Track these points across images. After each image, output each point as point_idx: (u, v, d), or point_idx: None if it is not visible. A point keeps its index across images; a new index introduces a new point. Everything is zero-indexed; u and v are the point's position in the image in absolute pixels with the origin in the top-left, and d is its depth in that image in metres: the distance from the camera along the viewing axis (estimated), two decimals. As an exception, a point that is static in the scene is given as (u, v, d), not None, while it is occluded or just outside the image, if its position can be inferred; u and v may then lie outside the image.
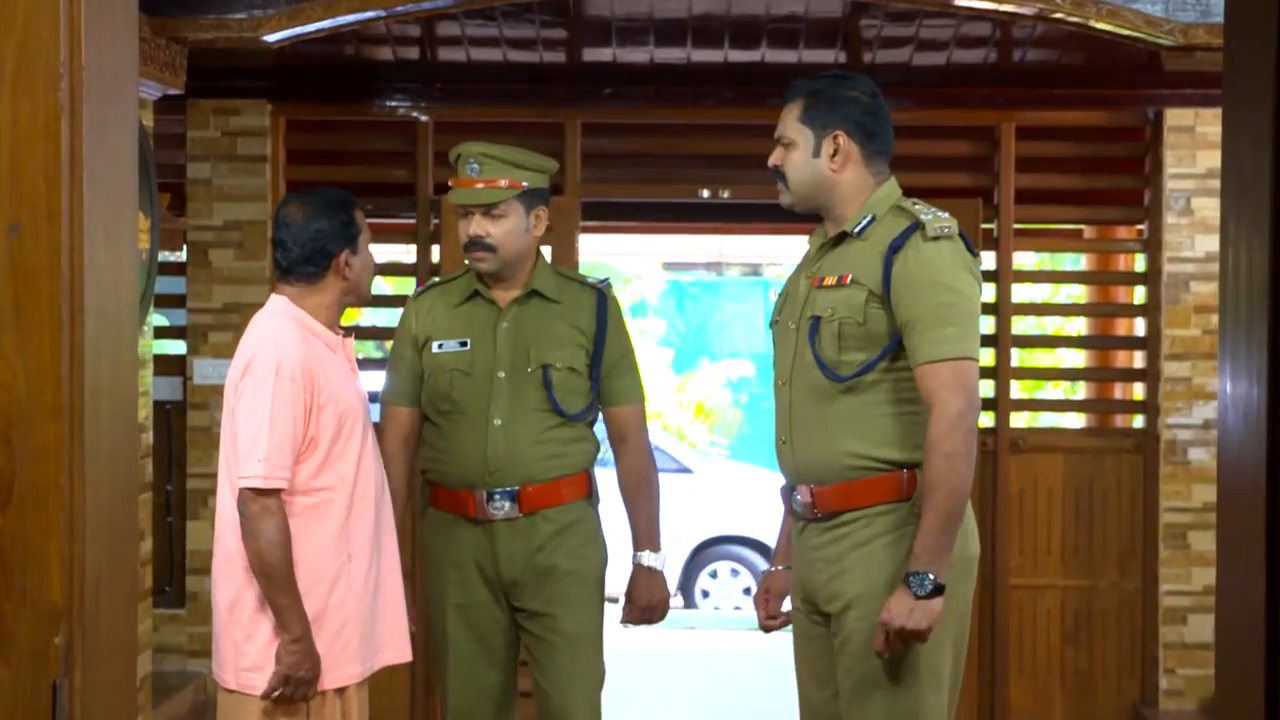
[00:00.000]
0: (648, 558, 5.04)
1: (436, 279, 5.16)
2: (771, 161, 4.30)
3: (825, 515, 4.16)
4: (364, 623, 4.53)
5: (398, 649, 4.70)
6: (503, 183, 4.89)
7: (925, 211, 4.11)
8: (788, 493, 4.31)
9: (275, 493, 4.36)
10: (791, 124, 4.27)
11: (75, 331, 2.41)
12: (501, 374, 4.89)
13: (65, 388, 2.40)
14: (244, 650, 4.44)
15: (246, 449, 4.37)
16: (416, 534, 5.19)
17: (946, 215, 4.10)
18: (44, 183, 2.42)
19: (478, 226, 4.88)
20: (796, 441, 4.22)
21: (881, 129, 4.26)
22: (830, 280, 4.17)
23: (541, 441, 4.88)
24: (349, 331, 4.68)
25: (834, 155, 4.20)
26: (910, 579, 3.93)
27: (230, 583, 4.47)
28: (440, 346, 4.94)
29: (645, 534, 5.06)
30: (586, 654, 4.97)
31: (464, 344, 4.93)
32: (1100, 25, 6.24)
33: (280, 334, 4.49)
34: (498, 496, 4.84)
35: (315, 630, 4.41)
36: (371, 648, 4.58)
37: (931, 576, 3.91)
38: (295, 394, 4.39)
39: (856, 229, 4.17)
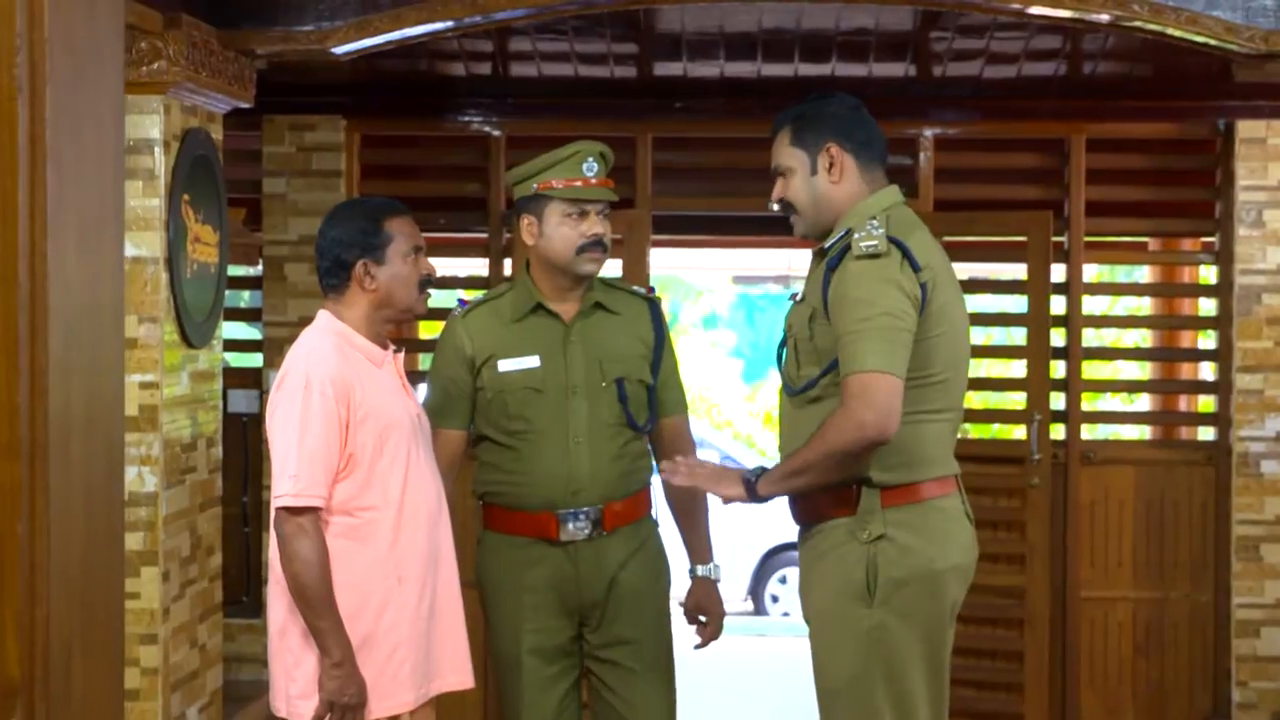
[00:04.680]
0: (708, 570, 4.60)
1: (479, 297, 4.62)
2: (774, 196, 4.06)
3: (800, 524, 3.98)
4: (417, 648, 4.04)
5: (458, 674, 4.20)
6: (612, 184, 4.47)
7: (863, 228, 3.80)
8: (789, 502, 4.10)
9: (310, 511, 3.89)
10: (784, 151, 4.03)
11: (37, 353, 1.82)
12: (576, 390, 4.39)
13: (24, 420, 1.81)
14: (294, 676, 3.99)
15: (278, 467, 3.90)
16: (476, 556, 4.63)
17: (881, 231, 3.78)
18: (-2, 175, 1.84)
19: (600, 225, 4.41)
20: (781, 451, 4.06)
21: (871, 137, 4.01)
22: (796, 298, 4.01)
23: (618, 457, 4.42)
24: (400, 346, 4.17)
25: (830, 168, 3.96)
26: (751, 474, 3.89)
27: (279, 607, 4.02)
28: (507, 365, 4.40)
29: (702, 545, 4.62)
30: (664, 681, 4.55)
31: (534, 361, 4.41)
32: (1178, 33, 5.61)
33: (314, 347, 4.00)
34: (581, 517, 4.36)
35: (364, 656, 3.94)
36: (426, 674, 4.08)
37: (753, 479, 3.87)
38: (327, 408, 3.89)
39: (828, 245, 3.90)
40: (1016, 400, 8.27)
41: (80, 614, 1.95)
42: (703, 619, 4.63)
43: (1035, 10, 5.73)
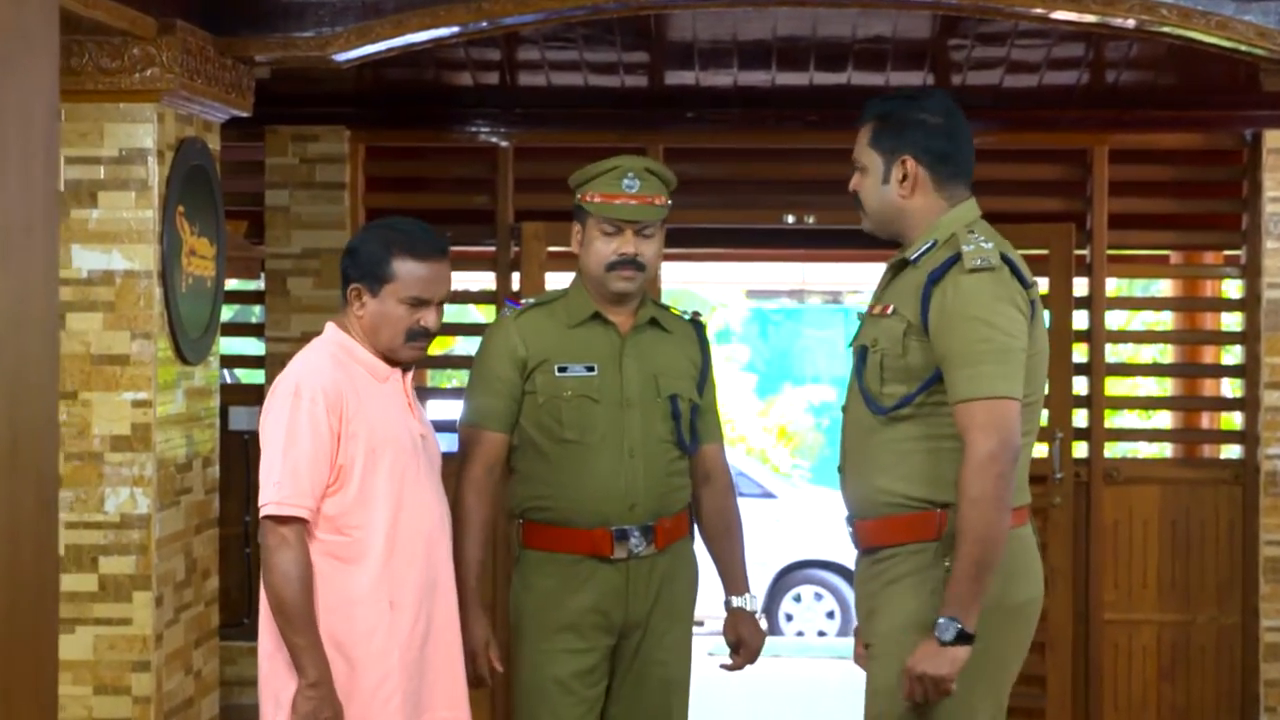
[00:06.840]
0: (745, 601, 4.42)
1: (531, 299, 4.43)
2: (851, 187, 3.86)
3: (867, 549, 3.76)
4: (409, 677, 3.82)
5: (452, 709, 3.97)
6: (659, 200, 4.25)
7: (970, 241, 3.61)
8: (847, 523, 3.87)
9: (295, 523, 3.68)
10: (864, 148, 3.81)
11: (-51, 376, 1.58)
12: (631, 403, 4.24)
13: (-67, 452, 1.57)
14: (281, 701, 3.77)
15: (264, 475, 3.70)
16: (513, 577, 4.42)
17: (991, 245, 3.61)
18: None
19: (632, 244, 4.23)
20: (846, 472, 3.82)
21: (956, 150, 3.76)
22: (877, 309, 3.76)
23: (669, 474, 4.29)
24: (407, 366, 3.94)
25: (903, 181, 3.74)
26: (937, 625, 3.51)
27: (270, 632, 3.81)
28: (564, 370, 4.23)
29: (739, 576, 4.44)
30: (683, 700, 4.40)
31: (590, 369, 4.24)
32: (1207, 38, 5.35)
33: (309, 357, 3.84)
34: (636, 533, 4.20)
35: (351, 682, 3.75)
36: (417, 705, 3.86)
37: (957, 624, 3.48)
38: (316, 417, 3.70)
39: (914, 256, 3.70)
40: (1037, 417, 8.00)
41: (8, 670, 1.70)
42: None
43: (1059, 15, 5.46)
